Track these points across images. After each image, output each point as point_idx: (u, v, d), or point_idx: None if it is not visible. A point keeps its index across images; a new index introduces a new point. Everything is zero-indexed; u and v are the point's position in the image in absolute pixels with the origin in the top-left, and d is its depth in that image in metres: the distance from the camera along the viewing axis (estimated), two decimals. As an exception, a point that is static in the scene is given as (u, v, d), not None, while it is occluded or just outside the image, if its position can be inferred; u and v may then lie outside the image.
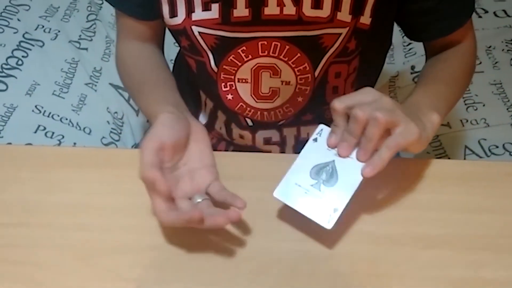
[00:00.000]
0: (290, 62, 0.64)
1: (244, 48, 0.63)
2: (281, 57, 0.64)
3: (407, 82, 1.14)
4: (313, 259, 0.52)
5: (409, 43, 1.22)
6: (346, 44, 0.64)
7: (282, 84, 0.67)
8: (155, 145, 0.52)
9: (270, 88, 0.67)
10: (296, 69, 0.65)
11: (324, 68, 0.66)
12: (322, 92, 0.68)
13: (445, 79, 0.66)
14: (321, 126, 0.56)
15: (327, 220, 0.51)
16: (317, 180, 0.53)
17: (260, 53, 0.64)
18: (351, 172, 0.52)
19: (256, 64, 0.65)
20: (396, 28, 1.27)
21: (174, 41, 0.71)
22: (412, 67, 1.15)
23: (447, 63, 0.68)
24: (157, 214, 0.51)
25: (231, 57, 0.65)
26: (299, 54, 0.64)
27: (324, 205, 0.52)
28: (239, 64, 0.65)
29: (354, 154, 0.53)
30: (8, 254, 0.53)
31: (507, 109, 1.05)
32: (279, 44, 0.62)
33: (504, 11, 1.28)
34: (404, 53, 1.21)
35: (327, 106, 0.69)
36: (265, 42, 0.62)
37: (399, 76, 1.15)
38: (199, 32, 0.64)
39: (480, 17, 1.27)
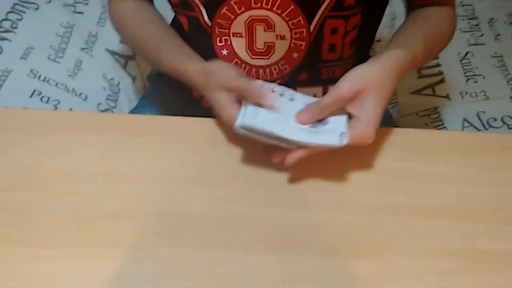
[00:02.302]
0: (283, 15, 0.64)
1: None
2: (274, 9, 0.63)
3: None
4: (308, 228, 0.53)
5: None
6: None
7: (277, 38, 0.66)
8: (235, 71, 0.58)
9: (265, 43, 0.67)
10: (290, 23, 0.64)
11: (319, 22, 0.65)
12: (318, 48, 0.68)
13: (422, 30, 0.66)
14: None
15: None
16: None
17: (253, 5, 0.63)
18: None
19: (249, 17, 0.64)
20: (399, -2, 1.25)
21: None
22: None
23: (425, 20, 0.68)
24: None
25: (223, 10, 0.64)
26: (292, 6, 0.63)
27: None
28: (232, 17, 0.65)
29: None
30: (3, 217, 0.53)
31: (507, 82, 1.04)
32: None
33: (508, -18, 1.26)
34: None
35: (323, 65, 0.69)
36: None
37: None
38: None
39: (483, -11, 1.26)
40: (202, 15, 0.66)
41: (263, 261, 0.50)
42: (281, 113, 0.57)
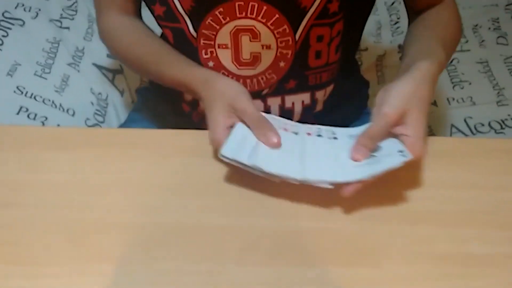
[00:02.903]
0: (268, 24, 0.64)
1: (221, 9, 0.63)
2: (259, 18, 0.63)
3: (394, 61, 1.13)
4: (300, 236, 0.52)
5: (396, 22, 1.21)
6: (326, 5, 0.63)
7: (262, 48, 0.66)
8: (247, 97, 0.58)
9: (251, 53, 0.67)
10: (275, 32, 0.65)
11: (305, 30, 0.65)
12: (304, 56, 0.68)
13: (438, 34, 0.66)
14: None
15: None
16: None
17: (238, 15, 0.63)
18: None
19: (234, 27, 0.64)
20: (383, 7, 1.27)
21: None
22: (399, 46, 1.15)
23: (438, 24, 0.69)
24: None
25: (208, 20, 0.64)
26: (277, 15, 0.63)
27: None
28: (218, 27, 0.65)
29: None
30: (-10, 235, 0.53)
31: (493, 87, 1.06)
32: (256, 5, 0.62)
33: (491, -11, 1.27)
34: (391, 32, 1.21)
35: (310, 72, 0.69)
36: (242, 3, 0.62)
37: (386, 55, 1.15)
38: None
39: (467, -5, 1.27)
40: (187, 26, 0.66)
41: (254, 271, 0.50)
42: (287, 151, 0.56)
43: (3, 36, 1.03)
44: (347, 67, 0.77)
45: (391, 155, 0.54)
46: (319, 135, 0.60)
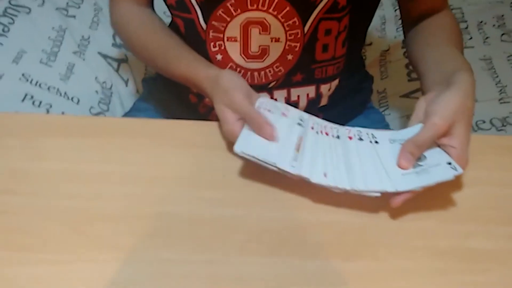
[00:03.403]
0: (279, 16, 0.64)
1: (232, 1, 0.63)
2: (270, 10, 0.64)
3: (398, 57, 1.14)
4: (301, 228, 0.53)
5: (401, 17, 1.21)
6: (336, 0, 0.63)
7: (271, 41, 0.67)
8: (243, 93, 0.58)
9: (259, 46, 0.67)
10: (285, 24, 0.65)
11: (314, 24, 0.65)
12: (312, 49, 0.68)
13: (451, 42, 0.67)
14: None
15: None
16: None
17: (249, 7, 0.64)
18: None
19: (245, 19, 0.65)
20: (389, 2, 1.27)
21: (164, 11, 0.71)
22: (403, 42, 1.15)
23: (445, 31, 0.69)
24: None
25: (220, 12, 0.64)
26: (288, 8, 0.63)
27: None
28: (228, 19, 0.65)
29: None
30: (-3, 221, 0.53)
31: (496, 84, 1.06)
32: None
33: (496, -14, 1.27)
34: (395, 27, 1.21)
35: (317, 65, 0.70)
36: None
37: (390, 50, 1.15)
38: None
39: (472, -8, 1.27)
40: (198, 18, 0.66)
41: (257, 262, 0.50)
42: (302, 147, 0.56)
43: (9, 23, 1.03)
44: (353, 62, 0.77)
45: (440, 166, 0.53)
46: (360, 139, 0.59)
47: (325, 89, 0.74)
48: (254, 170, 0.56)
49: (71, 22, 1.09)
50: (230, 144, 0.60)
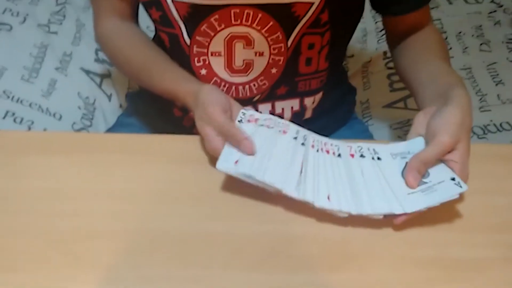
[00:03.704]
0: (263, 31, 0.65)
1: (216, 16, 0.64)
2: (254, 25, 0.64)
3: (379, 68, 1.15)
4: (287, 242, 0.53)
5: (382, 29, 1.23)
6: (319, 15, 0.64)
7: (255, 55, 0.67)
8: (220, 108, 0.57)
9: (243, 60, 0.68)
10: (269, 38, 0.66)
11: (297, 38, 0.66)
12: (295, 63, 0.69)
13: (440, 57, 0.68)
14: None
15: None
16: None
17: (233, 22, 0.64)
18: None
19: (229, 34, 0.65)
20: (369, 14, 1.28)
21: (147, 25, 0.71)
22: (385, 53, 1.17)
23: (431, 48, 0.70)
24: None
25: (204, 27, 0.65)
26: (271, 22, 0.64)
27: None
28: (212, 34, 0.65)
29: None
30: (-22, 241, 0.52)
31: (476, 93, 1.07)
32: (251, 12, 0.63)
33: (474, -3, 1.30)
34: (376, 39, 1.22)
35: (301, 78, 0.70)
36: (238, 10, 0.63)
37: (372, 62, 1.17)
38: (172, 1, 0.64)
39: (451, 3, 1.30)
40: (182, 33, 0.67)
41: (241, 276, 0.50)
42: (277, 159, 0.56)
43: (-10, 40, 1.03)
44: (336, 75, 0.78)
45: (445, 183, 0.53)
46: (362, 155, 0.58)
47: (309, 102, 0.74)
48: (239, 184, 0.55)
49: (53, 38, 1.09)
50: (214, 158, 0.60)
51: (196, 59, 0.68)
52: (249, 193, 0.57)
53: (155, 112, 0.82)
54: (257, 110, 0.73)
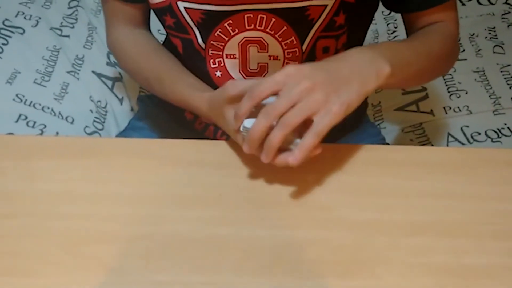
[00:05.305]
0: (276, 36, 0.65)
1: (230, 21, 0.64)
2: (268, 30, 0.64)
3: (391, 70, 1.14)
4: (298, 246, 0.53)
5: (394, 31, 1.22)
6: (333, 18, 0.64)
7: (270, 59, 0.67)
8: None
9: (258, 63, 0.68)
10: (283, 43, 0.65)
11: (311, 42, 0.66)
12: None
13: (416, 46, 0.64)
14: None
15: None
16: None
17: (247, 27, 0.64)
18: None
19: (243, 38, 0.65)
20: (381, 16, 1.28)
21: (158, 29, 0.71)
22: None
23: (425, 36, 0.67)
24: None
25: (217, 32, 0.65)
26: (285, 27, 0.64)
27: None
28: (226, 39, 0.65)
29: None
30: (-10, 245, 0.53)
31: (489, 96, 1.06)
32: (265, 17, 0.63)
33: (488, -2, 1.29)
34: (388, 41, 1.21)
35: None
36: (251, 15, 0.63)
37: (383, 64, 1.16)
38: (184, 8, 0.64)
39: (463, 4, 1.28)
40: (196, 38, 0.67)
41: (253, 282, 0.50)
42: None
43: (3, 44, 1.04)
44: None
45: None
46: None
47: None
48: (250, 188, 0.55)
49: (65, 41, 1.10)
50: (226, 162, 0.60)
51: (211, 61, 0.68)
52: (259, 197, 0.57)
53: (167, 116, 0.83)
54: None
